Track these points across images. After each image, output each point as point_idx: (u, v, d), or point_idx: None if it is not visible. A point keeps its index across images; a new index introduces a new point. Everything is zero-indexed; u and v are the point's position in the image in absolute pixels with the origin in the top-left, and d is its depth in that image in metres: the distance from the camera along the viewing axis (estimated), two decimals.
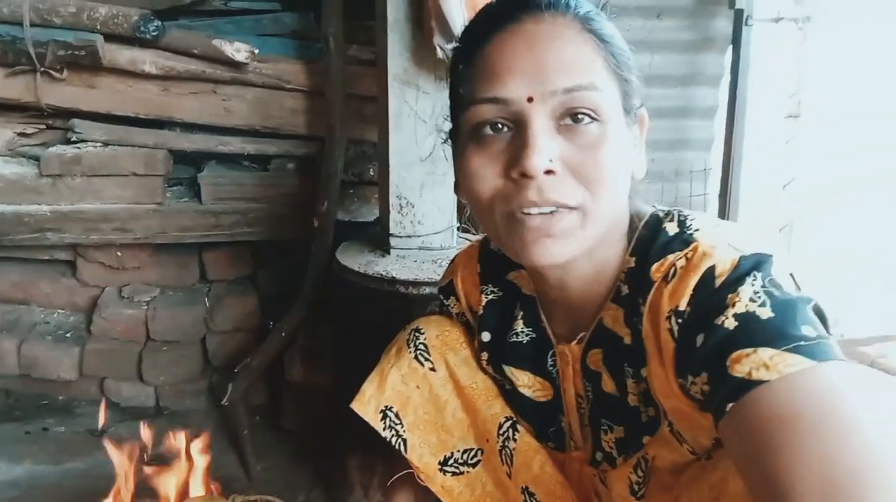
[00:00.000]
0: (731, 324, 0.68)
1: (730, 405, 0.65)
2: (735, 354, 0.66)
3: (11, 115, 2.04)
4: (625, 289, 0.85)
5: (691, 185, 2.33)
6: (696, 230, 0.80)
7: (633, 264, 0.84)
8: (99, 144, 2.03)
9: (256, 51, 1.99)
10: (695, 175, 2.33)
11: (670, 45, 2.23)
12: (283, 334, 1.96)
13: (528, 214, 0.76)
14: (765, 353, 0.65)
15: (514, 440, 1.06)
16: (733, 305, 0.69)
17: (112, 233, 2.03)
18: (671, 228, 0.82)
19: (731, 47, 2.23)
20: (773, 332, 0.66)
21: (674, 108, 2.28)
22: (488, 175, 0.79)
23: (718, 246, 0.76)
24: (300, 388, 1.98)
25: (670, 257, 0.79)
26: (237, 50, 1.95)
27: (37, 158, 2.01)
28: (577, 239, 0.78)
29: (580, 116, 0.75)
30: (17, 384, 2.13)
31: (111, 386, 2.12)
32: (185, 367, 2.12)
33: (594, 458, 0.99)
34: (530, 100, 0.74)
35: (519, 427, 1.06)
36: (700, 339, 0.70)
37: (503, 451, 1.06)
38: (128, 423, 2.02)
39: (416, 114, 1.71)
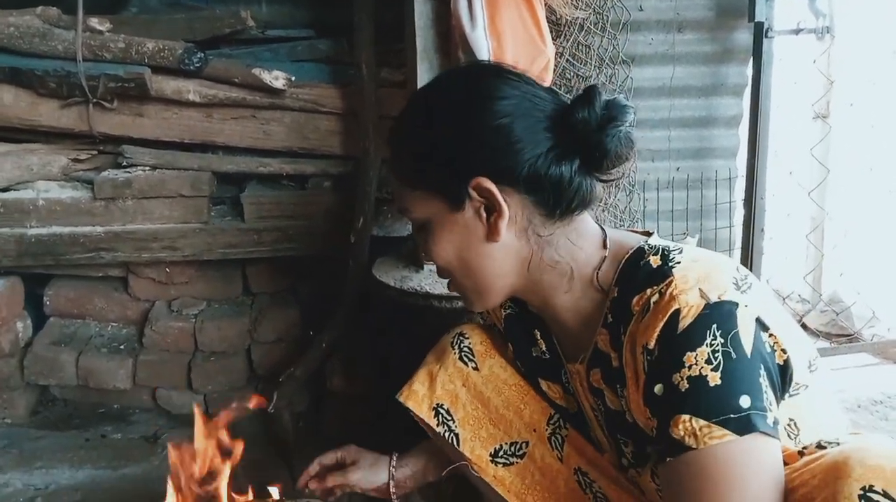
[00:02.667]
0: (683, 385, 0.80)
1: (668, 458, 0.81)
2: (677, 417, 0.79)
3: (66, 143, 2.17)
4: (610, 317, 0.95)
5: (717, 193, 2.38)
6: (677, 264, 0.89)
7: (615, 294, 0.94)
8: (148, 168, 2.15)
9: (293, 78, 2.09)
10: (720, 183, 2.38)
11: (692, 57, 2.28)
12: (324, 345, 2.06)
13: None
14: (697, 423, 0.78)
15: (566, 428, 1.15)
16: (689, 366, 0.80)
17: (161, 252, 2.16)
18: (654, 261, 0.91)
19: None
20: (713, 403, 0.78)
21: (698, 118, 2.33)
22: None
23: (689, 287, 0.84)
24: (341, 397, 2.08)
25: (648, 291, 0.88)
26: (275, 77, 2.06)
27: (90, 183, 2.14)
28: (471, 299, 1.03)
29: None
30: (75, 394, 2.27)
31: (163, 394, 2.24)
32: (231, 376, 2.23)
33: (621, 463, 1.07)
34: None
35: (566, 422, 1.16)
36: (658, 389, 0.83)
37: (553, 438, 1.16)
38: (179, 430, 2.14)
39: None
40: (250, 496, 1.46)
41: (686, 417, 0.78)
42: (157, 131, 2.14)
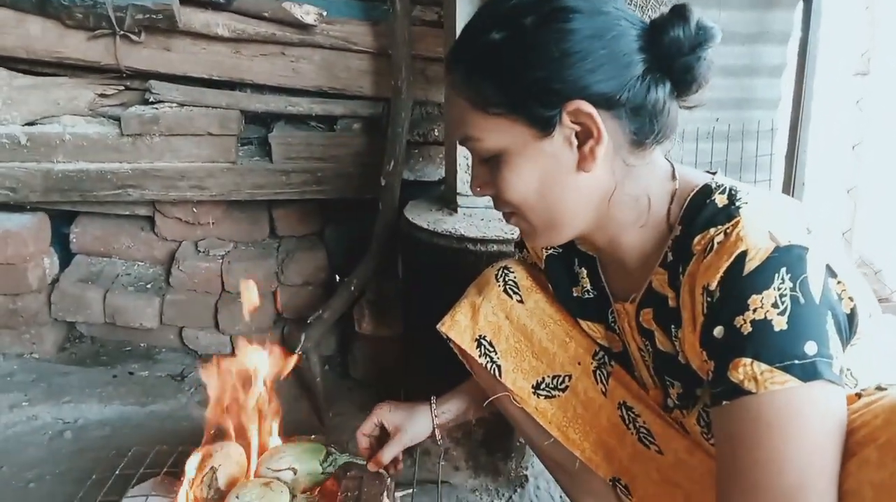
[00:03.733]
0: (746, 328, 0.76)
1: (724, 402, 0.77)
2: (736, 360, 0.76)
3: (93, 78, 2.13)
4: (671, 256, 0.91)
5: (758, 145, 2.31)
6: (744, 205, 0.84)
7: (678, 233, 0.90)
8: (175, 105, 2.11)
9: (324, 13, 2.03)
10: (761, 135, 2.30)
11: (738, 1, 2.19)
12: (353, 288, 2.04)
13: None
14: (759, 368, 0.74)
15: (611, 364, 1.12)
16: (754, 310, 0.75)
17: (189, 191, 2.13)
18: (720, 200, 0.87)
19: (800, 4, 2.19)
20: (777, 347, 0.74)
21: (740, 66, 2.24)
22: None
23: (757, 229, 0.80)
24: (369, 340, 2.07)
25: (712, 230, 0.84)
26: (306, 12, 2.00)
27: (117, 118, 2.10)
28: (538, 236, 0.95)
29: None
30: (102, 331, 2.27)
31: (189, 334, 2.24)
32: (258, 318, 2.22)
33: (666, 404, 1.04)
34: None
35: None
36: (718, 331, 0.79)
37: (598, 371, 1.13)
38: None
39: None
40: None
41: (747, 361, 0.75)
42: (185, 66, 2.09)
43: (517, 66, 0.85)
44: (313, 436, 1.49)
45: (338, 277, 2.28)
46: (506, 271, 1.21)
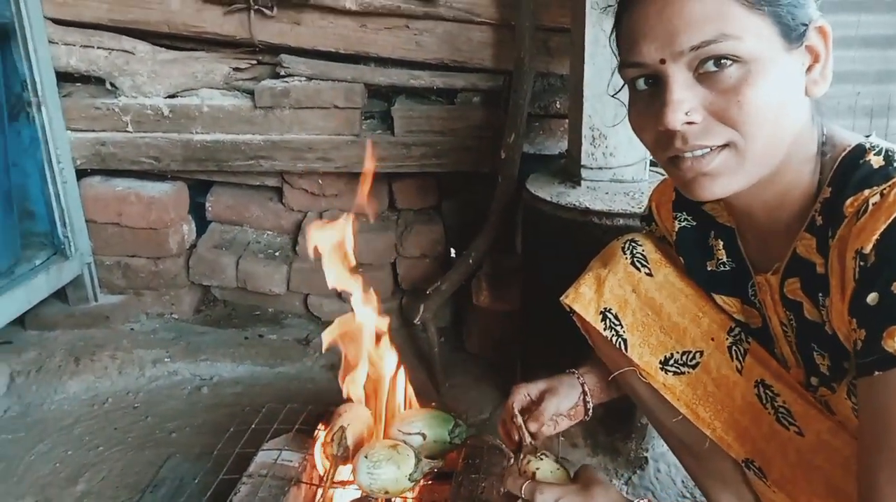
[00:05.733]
0: None
1: (876, 372, 0.73)
2: (892, 328, 0.71)
3: (227, 52, 2.23)
4: (819, 220, 0.85)
5: None
6: None
7: (828, 194, 0.84)
8: (304, 78, 2.18)
9: None
10: None
11: None
12: (471, 261, 2.05)
13: (681, 157, 0.82)
14: None
15: (748, 341, 1.07)
16: None
17: (316, 163, 2.20)
18: (876, 161, 0.81)
19: None
20: None
21: (886, 36, 2.07)
22: (646, 126, 0.86)
23: None
24: (485, 313, 2.08)
25: (866, 192, 0.78)
26: None
27: (250, 92, 2.20)
28: (735, 174, 0.82)
29: (721, 62, 0.77)
30: (234, 295, 2.40)
31: (314, 301, 2.33)
32: (378, 288, 2.25)
33: (809, 383, 0.99)
34: (662, 61, 0.79)
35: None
36: (872, 298, 0.73)
37: (734, 348, 1.07)
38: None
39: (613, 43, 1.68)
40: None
41: None
42: (314, 40, 2.15)
43: None
44: (434, 405, 1.53)
45: (453, 251, 2.31)
46: (633, 243, 1.18)
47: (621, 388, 1.22)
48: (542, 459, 1.07)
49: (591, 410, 1.22)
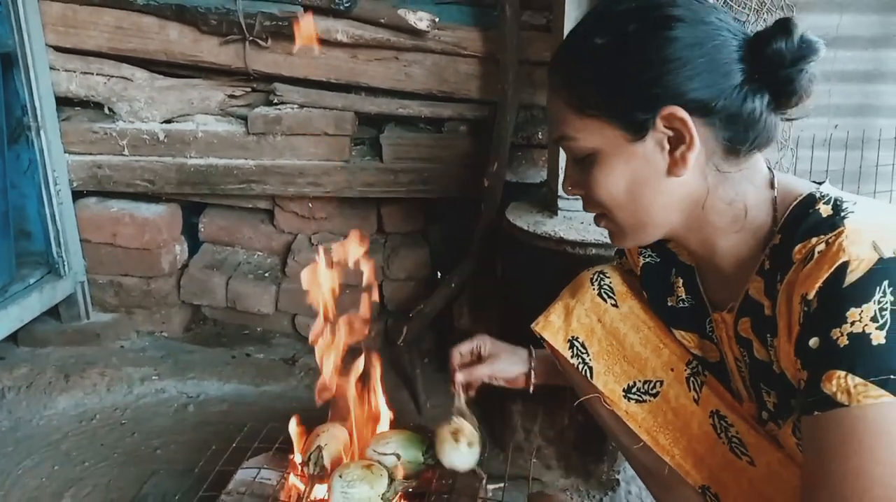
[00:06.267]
0: (842, 341, 0.76)
1: (815, 412, 0.78)
2: (830, 372, 0.76)
3: (223, 80, 2.30)
4: (767, 264, 0.91)
5: (878, 154, 2.20)
6: (850, 214, 0.83)
7: (778, 241, 0.89)
8: (296, 106, 2.25)
9: (437, 19, 2.11)
10: (883, 143, 2.19)
11: (861, 4, 2.09)
12: (453, 285, 2.11)
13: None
14: (852, 381, 0.74)
15: (705, 373, 1.13)
16: (851, 323, 0.75)
17: (306, 187, 2.27)
18: (825, 210, 0.86)
19: None
20: (874, 362, 0.74)
21: (863, 71, 2.14)
22: None
23: (861, 240, 0.79)
24: (466, 336, 2.13)
25: (813, 240, 0.83)
26: (420, 19, 2.08)
27: (244, 118, 2.27)
28: (624, 237, 0.98)
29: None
30: (223, 314, 2.46)
31: (301, 321, 2.38)
32: (363, 308, 2.33)
33: (761, 417, 1.04)
34: (555, 142, 0.99)
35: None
36: (813, 342, 0.79)
37: (692, 379, 1.13)
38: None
39: None
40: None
41: (841, 373, 0.75)
42: (306, 70, 2.22)
43: (617, 71, 0.88)
44: (412, 425, 1.57)
45: (439, 274, 2.37)
46: (601, 275, 1.24)
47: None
48: (462, 420, 1.33)
49: (532, 386, 1.35)
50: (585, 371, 1.19)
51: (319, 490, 1.44)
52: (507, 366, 1.35)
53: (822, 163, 2.19)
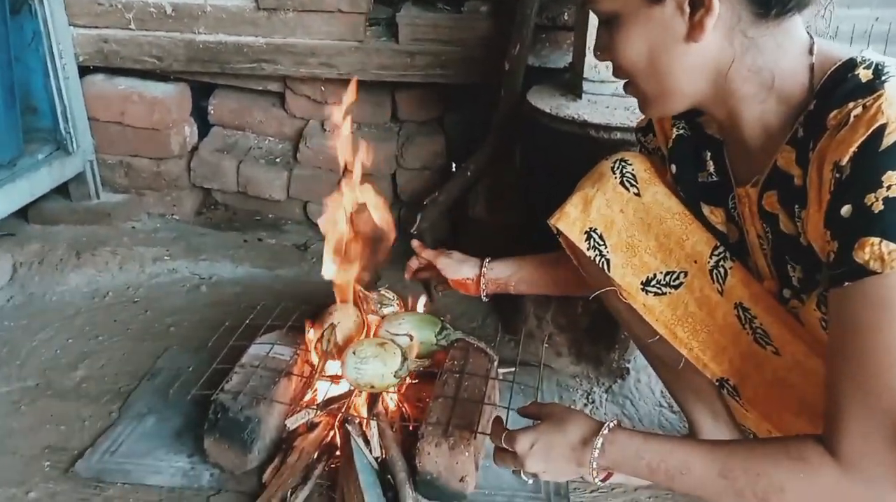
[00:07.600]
0: (877, 206, 0.72)
1: (846, 283, 0.76)
2: (863, 240, 0.73)
3: None
4: (801, 132, 0.87)
5: None
6: (891, 77, 0.78)
7: (812, 107, 0.85)
8: None
9: None
10: None
11: None
12: (469, 173, 2.06)
13: None
14: (887, 247, 0.71)
15: (730, 261, 1.09)
16: (888, 187, 0.72)
17: (318, 68, 2.18)
18: (864, 75, 0.81)
19: None
20: None
21: None
22: None
23: None
24: (482, 225, 2.10)
25: (850, 104, 0.79)
26: None
27: None
28: (650, 105, 0.96)
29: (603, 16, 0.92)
30: (234, 199, 2.43)
31: (313, 208, 2.35)
32: None
33: (782, 295, 1.01)
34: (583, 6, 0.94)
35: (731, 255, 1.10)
36: (846, 210, 0.76)
37: (715, 271, 1.10)
38: None
39: None
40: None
41: (875, 240, 0.72)
42: None
43: None
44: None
45: (454, 164, 2.31)
46: (623, 163, 1.18)
47: (521, 290, 1.41)
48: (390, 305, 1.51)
49: (484, 294, 1.40)
50: (602, 263, 1.15)
51: (332, 366, 1.45)
52: (452, 265, 1.41)
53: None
